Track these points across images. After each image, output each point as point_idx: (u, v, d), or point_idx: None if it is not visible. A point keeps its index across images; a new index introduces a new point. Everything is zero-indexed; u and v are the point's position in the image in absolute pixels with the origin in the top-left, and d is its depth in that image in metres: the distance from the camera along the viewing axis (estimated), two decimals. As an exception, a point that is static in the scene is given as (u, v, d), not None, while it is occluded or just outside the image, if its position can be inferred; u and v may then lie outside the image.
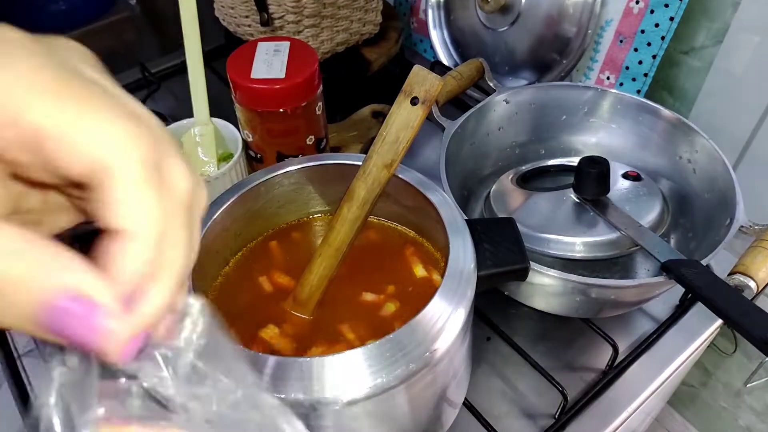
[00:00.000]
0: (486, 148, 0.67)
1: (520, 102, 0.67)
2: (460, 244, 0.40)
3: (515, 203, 0.61)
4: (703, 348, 0.62)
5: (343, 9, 0.77)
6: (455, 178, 0.58)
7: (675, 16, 0.67)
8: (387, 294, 0.44)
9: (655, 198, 0.59)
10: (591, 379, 0.55)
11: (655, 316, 0.60)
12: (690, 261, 0.48)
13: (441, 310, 0.36)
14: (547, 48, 0.76)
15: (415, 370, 0.34)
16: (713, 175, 0.57)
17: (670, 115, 0.62)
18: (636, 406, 0.54)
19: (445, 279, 0.38)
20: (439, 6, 0.87)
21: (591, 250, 0.56)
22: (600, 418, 0.52)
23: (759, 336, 0.40)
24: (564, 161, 0.67)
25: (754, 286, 0.46)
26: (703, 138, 0.59)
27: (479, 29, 0.82)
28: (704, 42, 0.69)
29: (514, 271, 0.42)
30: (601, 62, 0.76)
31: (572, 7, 0.72)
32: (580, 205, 0.59)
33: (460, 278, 0.38)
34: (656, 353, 0.57)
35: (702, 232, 0.57)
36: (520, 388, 0.54)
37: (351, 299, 0.44)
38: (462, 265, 0.39)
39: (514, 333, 0.56)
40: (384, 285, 0.45)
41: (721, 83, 0.70)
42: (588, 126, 0.68)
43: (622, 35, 0.72)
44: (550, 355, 0.56)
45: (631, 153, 0.66)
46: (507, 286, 0.56)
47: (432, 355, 0.35)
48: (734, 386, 0.97)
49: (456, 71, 0.69)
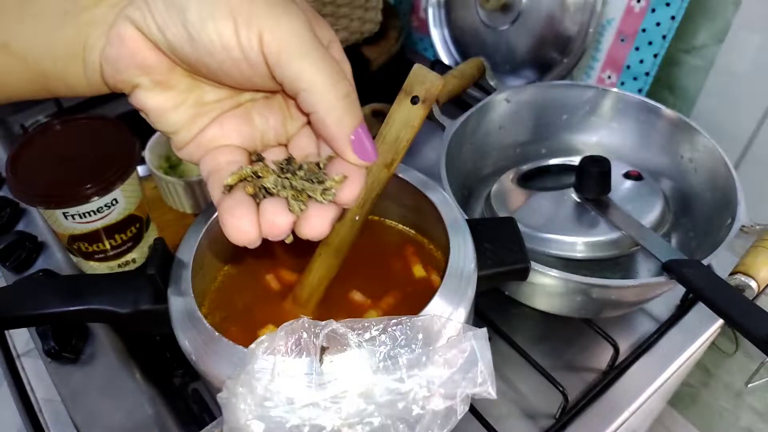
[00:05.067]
0: (487, 148, 0.67)
1: (521, 101, 0.67)
2: (460, 243, 0.40)
3: (516, 203, 0.61)
4: (704, 348, 0.62)
5: (343, 7, 0.77)
6: (456, 178, 0.58)
7: (676, 15, 0.66)
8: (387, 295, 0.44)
9: (656, 197, 0.59)
10: (592, 379, 0.55)
11: (656, 316, 0.60)
12: (691, 261, 0.48)
13: (441, 309, 0.36)
14: (548, 47, 0.76)
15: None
16: (714, 174, 0.57)
17: (671, 115, 0.62)
18: (637, 406, 0.54)
19: (445, 279, 0.38)
20: (439, 5, 0.87)
21: (592, 249, 0.56)
22: (601, 419, 0.52)
23: (760, 336, 0.40)
24: (565, 161, 0.67)
25: (755, 286, 0.46)
26: (704, 137, 0.58)
27: (480, 28, 0.82)
28: (705, 41, 0.69)
29: (514, 271, 0.42)
30: (602, 61, 0.76)
31: (573, 6, 0.72)
32: (581, 204, 0.59)
33: (461, 278, 0.38)
34: (657, 353, 0.57)
35: (703, 231, 0.57)
36: (520, 389, 0.54)
37: (351, 299, 0.44)
38: (462, 265, 0.39)
39: (514, 333, 0.56)
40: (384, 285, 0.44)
41: (722, 82, 0.69)
42: (589, 125, 0.68)
43: (624, 34, 0.72)
44: (551, 355, 0.56)
45: (632, 152, 0.66)
46: (507, 285, 0.56)
47: (432, 356, 0.35)
48: (735, 386, 0.97)
49: (457, 70, 0.69)
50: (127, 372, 0.55)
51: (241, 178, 0.27)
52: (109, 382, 0.54)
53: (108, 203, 0.53)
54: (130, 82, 0.27)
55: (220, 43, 0.25)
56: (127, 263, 0.59)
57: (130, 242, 0.58)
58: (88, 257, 0.57)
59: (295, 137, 0.31)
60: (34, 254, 0.66)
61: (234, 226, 0.26)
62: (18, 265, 0.64)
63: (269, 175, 0.28)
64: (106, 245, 0.56)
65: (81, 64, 0.27)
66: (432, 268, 0.46)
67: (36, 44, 0.26)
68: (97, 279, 0.42)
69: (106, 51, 0.26)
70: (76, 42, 0.26)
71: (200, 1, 0.24)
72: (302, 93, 0.26)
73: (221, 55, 0.25)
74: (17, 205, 0.71)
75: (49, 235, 0.67)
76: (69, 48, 0.26)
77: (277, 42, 0.25)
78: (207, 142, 0.29)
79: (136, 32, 0.25)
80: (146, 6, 0.25)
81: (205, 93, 0.28)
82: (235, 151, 0.29)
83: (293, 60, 0.25)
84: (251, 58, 0.25)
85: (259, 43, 0.25)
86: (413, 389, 0.28)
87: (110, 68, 0.26)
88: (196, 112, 0.28)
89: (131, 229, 0.57)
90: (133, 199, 0.56)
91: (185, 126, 0.28)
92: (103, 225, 0.54)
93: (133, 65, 0.26)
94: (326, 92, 0.26)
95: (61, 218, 0.52)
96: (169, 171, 0.67)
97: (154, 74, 0.27)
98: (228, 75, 0.26)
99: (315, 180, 0.28)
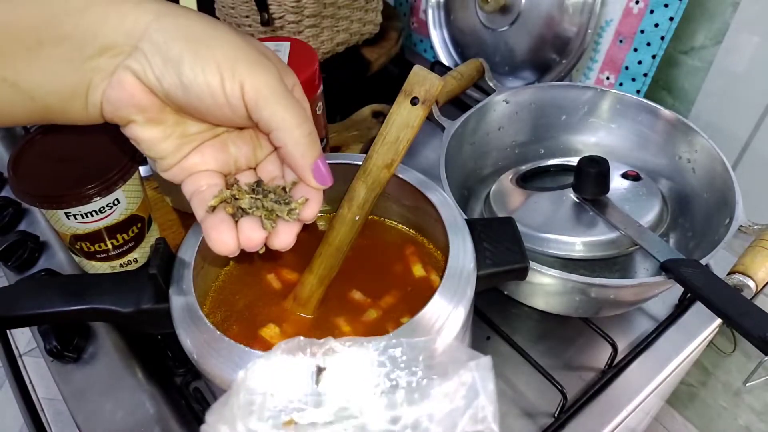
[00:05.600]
0: (486, 148, 0.67)
1: (520, 102, 0.67)
2: (460, 243, 0.40)
3: (515, 203, 0.61)
4: (702, 347, 0.62)
5: (344, 9, 0.77)
6: (455, 178, 0.59)
7: (675, 16, 0.67)
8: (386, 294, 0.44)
9: (654, 198, 0.59)
10: (590, 378, 0.55)
11: (654, 316, 0.61)
12: (689, 260, 0.48)
13: (441, 309, 0.36)
14: (547, 48, 0.77)
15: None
16: (713, 174, 0.57)
17: (669, 115, 0.62)
18: (635, 405, 0.54)
19: (444, 278, 0.38)
20: (439, 6, 0.87)
21: (590, 249, 0.56)
22: (599, 417, 0.53)
23: (758, 335, 0.40)
24: (564, 161, 0.67)
25: (753, 285, 0.46)
26: (702, 138, 0.59)
27: (479, 29, 0.82)
28: (704, 42, 0.69)
29: (513, 271, 0.42)
30: (600, 62, 0.76)
31: (572, 7, 0.72)
32: (580, 204, 0.59)
33: (460, 277, 0.38)
34: (655, 352, 0.57)
35: (701, 231, 0.57)
36: (519, 388, 0.54)
37: (351, 299, 0.44)
38: (462, 265, 0.39)
39: (513, 332, 0.56)
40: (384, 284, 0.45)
41: (720, 83, 0.70)
42: (587, 126, 0.68)
43: (622, 35, 0.72)
44: (550, 355, 0.57)
45: (631, 153, 0.66)
46: (507, 285, 0.56)
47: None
48: (733, 385, 0.97)
49: (456, 71, 0.69)
50: (129, 371, 0.55)
51: (221, 200, 0.34)
52: (110, 381, 0.54)
53: (110, 203, 0.53)
54: (126, 118, 0.32)
55: (209, 91, 0.30)
56: (128, 263, 0.59)
57: (131, 242, 0.58)
58: (90, 257, 0.57)
59: (263, 163, 0.37)
60: (36, 254, 0.66)
61: (217, 240, 0.33)
62: (20, 264, 0.65)
63: (244, 196, 0.34)
64: (108, 245, 0.56)
65: (83, 102, 0.31)
66: (431, 267, 0.46)
67: (43, 84, 0.30)
68: (99, 279, 0.42)
69: (107, 93, 0.31)
70: (81, 84, 0.30)
71: (193, 59, 0.30)
72: (274, 131, 0.32)
73: (209, 101, 0.31)
74: (19, 205, 0.71)
75: (51, 235, 0.67)
76: (73, 89, 0.30)
77: (255, 91, 0.31)
78: (190, 167, 0.34)
79: (135, 79, 0.30)
80: (146, 60, 0.30)
81: (189, 126, 0.34)
82: (213, 176, 0.35)
83: (268, 105, 0.31)
84: (233, 103, 0.31)
85: (240, 91, 0.30)
86: (408, 426, 0.28)
87: (110, 107, 0.31)
88: (181, 142, 0.34)
89: (133, 229, 0.57)
90: (135, 199, 0.56)
91: (171, 153, 0.34)
92: (105, 225, 0.54)
93: (130, 105, 0.31)
94: (293, 131, 0.32)
95: (63, 218, 0.53)
96: (170, 171, 0.67)
97: (147, 113, 0.32)
98: (212, 115, 0.32)
99: (282, 202, 0.34)
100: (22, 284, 0.40)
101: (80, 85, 0.30)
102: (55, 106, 0.31)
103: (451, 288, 0.38)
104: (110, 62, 0.30)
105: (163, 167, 0.34)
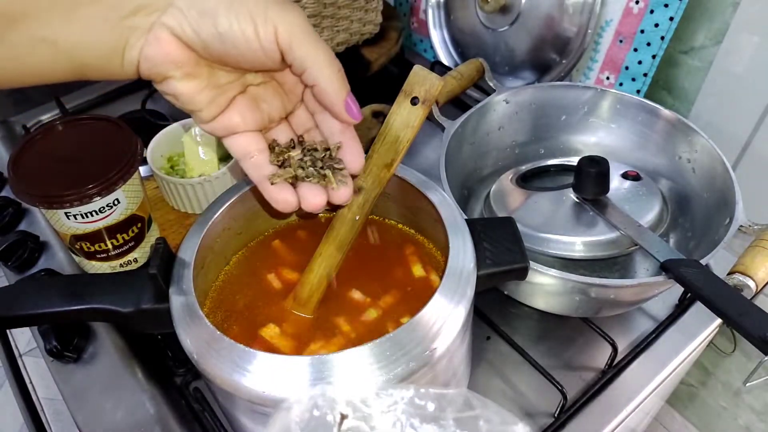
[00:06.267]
0: (486, 148, 0.67)
1: (520, 102, 0.67)
2: (459, 243, 0.40)
3: (515, 203, 0.61)
4: (702, 347, 0.62)
5: (344, 9, 0.77)
6: (455, 178, 0.59)
7: (675, 16, 0.67)
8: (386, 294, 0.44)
9: (654, 198, 0.59)
10: (590, 378, 0.55)
11: (654, 316, 0.61)
12: (689, 260, 0.48)
13: (441, 309, 0.37)
14: (547, 48, 0.77)
15: (415, 368, 0.34)
16: (712, 174, 0.57)
17: (669, 115, 0.62)
18: (635, 405, 0.54)
19: (444, 278, 0.38)
20: (439, 6, 0.87)
21: (590, 249, 0.56)
22: (599, 417, 0.53)
23: (758, 335, 0.40)
24: (563, 161, 0.67)
25: (753, 285, 0.46)
26: (702, 138, 0.59)
27: (479, 29, 0.82)
28: (704, 42, 0.69)
29: (513, 271, 0.42)
30: (600, 62, 0.76)
31: (572, 7, 0.72)
32: (580, 204, 0.59)
33: (460, 277, 0.38)
34: (655, 352, 0.57)
35: (701, 231, 0.57)
36: (519, 387, 0.55)
37: (351, 298, 0.44)
38: (462, 265, 0.39)
39: (513, 332, 0.56)
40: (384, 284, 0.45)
41: (720, 83, 0.70)
42: (587, 126, 0.68)
43: (622, 35, 0.72)
44: (550, 354, 0.57)
45: (631, 153, 0.66)
46: (507, 285, 0.56)
47: (432, 354, 0.35)
48: (733, 385, 0.97)
49: (456, 71, 0.69)
50: (129, 371, 0.55)
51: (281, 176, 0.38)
52: (110, 381, 0.54)
53: (110, 203, 0.53)
54: (163, 74, 0.33)
55: (243, 38, 0.32)
56: (128, 263, 0.59)
57: (131, 242, 0.58)
58: (90, 257, 0.57)
59: (294, 116, 0.40)
60: (36, 254, 0.66)
61: (282, 200, 0.38)
62: (20, 264, 0.65)
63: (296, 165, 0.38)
64: (108, 245, 0.56)
65: (120, 59, 0.32)
66: (431, 267, 0.46)
67: (81, 43, 0.31)
68: (99, 278, 0.42)
69: (145, 50, 0.32)
70: (118, 42, 0.32)
71: (227, 9, 0.32)
72: (308, 69, 0.34)
73: (243, 47, 0.33)
74: (19, 205, 0.71)
75: (51, 235, 0.67)
76: (111, 47, 0.32)
77: (288, 33, 0.33)
78: (232, 126, 0.37)
79: (171, 36, 0.32)
80: (182, 15, 0.32)
81: (220, 77, 0.36)
82: (255, 137, 0.38)
83: (302, 45, 0.33)
84: (267, 47, 0.33)
85: (274, 35, 0.33)
86: None
87: (147, 63, 0.33)
88: (215, 93, 0.36)
89: (133, 229, 0.57)
90: (135, 199, 0.56)
91: (207, 105, 0.35)
92: (105, 225, 0.54)
93: (167, 61, 0.33)
94: (326, 68, 0.34)
95: (63, 218, 0.53)
96: (171, 171, 0.67)
97: (184, 67, 0.33)
98: (246, 61, 0.34)
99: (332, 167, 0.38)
100: (22, 284, 0.40)
101: (117, 43, 0.32)
102: (93, 63, 0.32)
103: (451, 288, 0.38)
104: (146, 20, 0.32)
105: (203, 119, 0.36)
